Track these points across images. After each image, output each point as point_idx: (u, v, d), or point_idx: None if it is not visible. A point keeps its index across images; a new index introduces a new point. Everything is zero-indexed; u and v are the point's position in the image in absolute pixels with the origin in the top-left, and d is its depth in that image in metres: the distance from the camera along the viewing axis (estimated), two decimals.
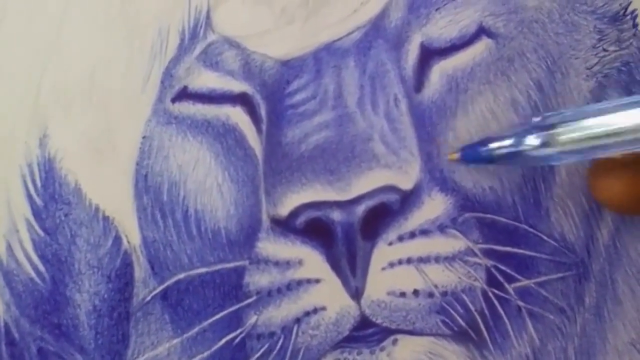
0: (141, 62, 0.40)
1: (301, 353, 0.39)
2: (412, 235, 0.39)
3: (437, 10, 0.40)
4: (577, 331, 0.40)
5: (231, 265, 0.39)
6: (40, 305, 0.39)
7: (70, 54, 0.40)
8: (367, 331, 0.39)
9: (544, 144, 0.35)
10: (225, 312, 0.39)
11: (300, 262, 0.39)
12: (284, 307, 0.39)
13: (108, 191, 0.40)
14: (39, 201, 0.40)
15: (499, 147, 0.36)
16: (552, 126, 0.35)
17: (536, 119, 0.36)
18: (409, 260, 0.39)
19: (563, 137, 0.35)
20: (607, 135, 0.34)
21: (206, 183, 0.40)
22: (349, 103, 0.39)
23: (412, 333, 0.39)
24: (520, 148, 0.35)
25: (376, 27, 0.40)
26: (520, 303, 0.39)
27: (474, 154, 0.37)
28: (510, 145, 0.36)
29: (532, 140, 0.35)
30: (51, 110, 0.40)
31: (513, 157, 0.36)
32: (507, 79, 0.40)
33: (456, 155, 0.37)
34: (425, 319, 0.39)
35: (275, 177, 0.39)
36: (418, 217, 0.39)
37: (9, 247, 0.40)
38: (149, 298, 0.39)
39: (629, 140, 0.34)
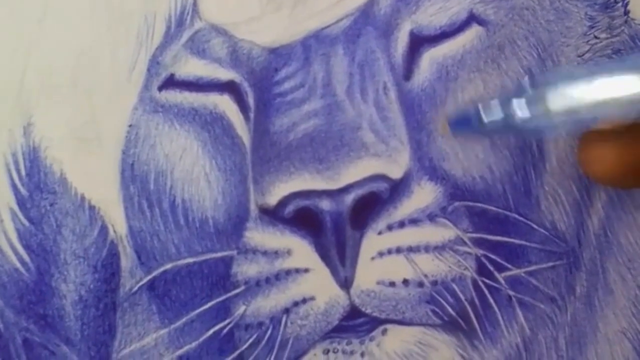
0: (127, 50, 0.39)
1: (290, 343, 0.39)
2: (402, 224, 0.39)
3: None
4: (568, 320, 0.40)
5: (219, 255, 0.39)
6: (25, 296, 0.39)
7: (54, 41, 0.39)
8: (356, 321, 0.39)
9: (533, 115, 0.33)
10: (213, 302, 0.39)
11: (288, 252, 0.38)
12: (272, 297, 0.39)
13: (94, 180, 0.39)
14: (23, 190, 0.39)
15: (486, 111, 0.34)
16: (541, 96, 0.33)
17: (525, 84, 0.34)
18: (398, 250, 0.39)
19: (553, 106, 0.33)
20: (602, 102, 0.32)
21: (193, 172, 0.39)
22: (337, 91, 0.39)
23: (401, 323, 0.39)
24: (510, 121, 0.34)
25: (365, 15, 0.40)
26: (511, 292, 0.39)
27: (464, 125, 0.35)
28: (500, 120, 0.34)
29: (521, 113, 0.33)
30: (35, 99, 0.39)
31: (503, 127, 0.34)
32: (497, 66, 0.40)
33: (446, 128, 0.36)
34: (415, 308, 0.39)
35: (263, 166, 0.39)
36: (408, 206, 0.39)
37: None
38: (135, 288, 0.39)
39: (624, 106, 0.32)
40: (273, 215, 0.38)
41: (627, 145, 0.35)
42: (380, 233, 0.38)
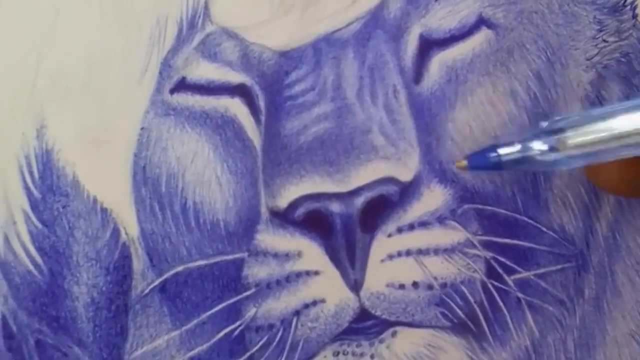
0: (139, 53, 0.40)
1: (300, 345, 0.39)
2: (411, 227, 0.39)
3: (436, 0, 0.40)
4: (577, 323, 0.40)
5: (230, 257, 0.39)
6: (38, 298, 0.39)
7: (67, 44, 0.40)
8: (366, 323, 0.39)
9: (552, 149, 0.35)
10: (224, 304, 0.39)
11: (299, 254, 0.39)
12: (283, 299, 0.39)
13: (106, 183, 0.39)
14: (36, 193, 0.39)
15: (507, 154, 0.35)
16: (560, 130, 0.35)
17: (545, 124, 0.36)
18: (408, 252, 0.39)
19: (571, 141, 0.34)
20: (616, 138, 0.34)
21: (205, 175, 0.39)
22: (348, 94, 0.39)
23: (411, 325, 0.39)
24: (528, 153, 0.35)
25: (375, 18, 0.40)
26: (520, 295, 0.39)
27: (481, 161, 0.36)
28: (518, 151, 0.35)
29: (540, 145, 0.35)
30: (48, 102, 0.40)
31: (521, 163, 0.35)
32: (506, 69, 0.40)
33: (464, 163, 0.37)
34: (424, 310, 0.39)
35: (274, 168, 0.39)
36: (417, 209, 0.39)
37: (6, 239, 0.39)
38: (147, 290, 0.39)
39: (638, 143, 0.34)
40: (284, 217, 0.39)
41: (632, 158, 0.36)
42: (390, 236, 0.39)
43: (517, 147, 0.35)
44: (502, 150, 0.36)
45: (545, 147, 0.35)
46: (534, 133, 0.35)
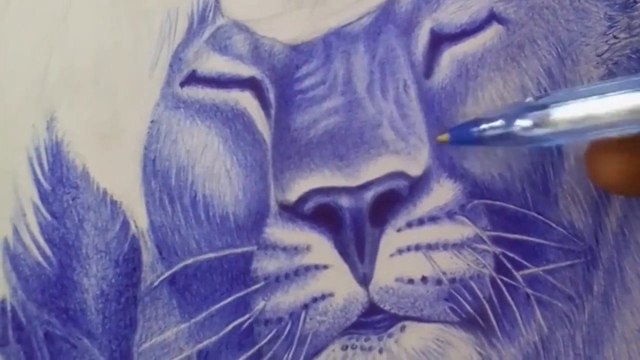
0: (149, 46, 0.40)
1: (309, 339, 0.39)
2: (421, 221, 0.39)
3: None
4: (585, 319, 0.40)
5: (239, 250, 0.39)
6: (48, 290, 0.39)
7: (77, 37, 0.40)
8: (375, 317, 0.39)
9: (535, 125, 0.34)
10: (233, 297, 0.39)
11: (308, 248, 0.39)
12: (291, 292, 0.39)
13: (116, 175, 0.39)
14: (46, 185, 0.40)
15: (489, 128, 0.35)
16: (544, 106, 0.34)
17: (528, 100, 0.35)
18: (417, 247, 0.39)
19: (554, 117, 0.34)
20: (599, 116, 0.33)
21: (214, 168, 0.39)
22: (358, 88, 0.39)
23: (420, 320, 0.39)
24: (511, 129, 0.35)
25: (386, 12, 0.40)
26: (529, 291, 0.39)
27: (463, 135, 0.36)
28: (501, 126, 0.35)
29: (523, 121, 0.34)
30: (59, 94, 0.40)
31: (503, 138, 0.35)
32: (517, 65, 0.40)
33: (445, 137, 0.37)
34: (433, 305, 0.39)
35: (283, 162, 0.39)
36: (427, 204, 0.39)
37: (16, 231, 0.40)
38: (156, 283, 0.39)
39: (621, 121, 0.33)
40: (293, 211, 0.39)
41: (632, 155, 0.36)
42: (399, 230, 0.39)
43: (500, 122, 0.35)
44: (484, 125, 0.35)
45: (528, 122, 0.34)
46: (517, 109, 0.35)
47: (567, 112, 0.34)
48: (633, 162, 0.36)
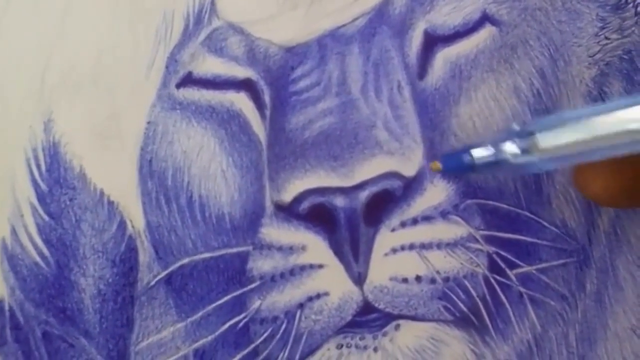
0: (146, 47, 0.40)
1: (304, 338, 0.39)
2: (415, 221, 0.39)
3: None
4: (578, 317, 0.40)
5: (235, 250, 0.39)
6: (45, 290, 0.39)
7: (75, 39, 0.40)
8: (369, 316, 0.39)
9: (524, 151, 0.34)
10: (229, 296, 0.39)
11: (303, 248, 0.39)
12: (287, 292, 0.39)
13: (113, 176, 0.40)
14: (43, 185, 0.40)
15: (480, 157, 0.35)
16: (532, 133, 0.34)
17: (515, 127, 0.35)
18: (411, 246, 0.39)
19: (543, 144, 0.34)
20: (588, 141, 0.34)
21: (210, 169, 0.40)
22: (352, 90, 0.40)
23: (414, 318, 0.39)
24: (501, 156, 0.35)
25: (380, 14, 0.40)
26: (522, 289, 0.40)
27: (456, 164, 0.36)
28: (491, 155, 0.35)
29: (511, 148, 0.34)
30: (56, 95, 0.40)
31: (495, 166, 0.35)
32: (510, 66, 0.40)
33: (438, 165, 0.37)
34: (427, 304, 0.39)
35: (279, 163, 0.39)
36: (420, 204, 0.39)
37: (14, 231, 0.40)
38: (153, 282, 0.39)
39: (610, 145, 0.34)
40: (288, 211, 0.39)
41: (617, 169, 0.36)
42: (393, 230, 0.39)
43: (490, 150, 0.35)
44: (475, 153, 0.35)
45: (517, 150, 0.34)
46: (506, 136, 0.35)
47: (554, 138, 0.34)
48: (618, 177, 0.36)
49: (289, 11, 0.40)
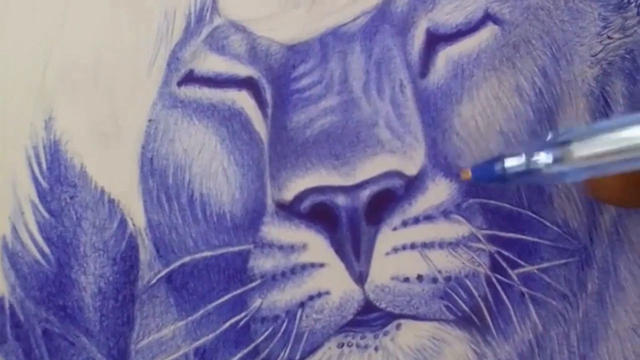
0: (147, 45, 0.40)
1: (305, 336, 0.39)
2: (416, 220, 0.39)
3: None
4: (580, 317, 0.40)
5: (236, 249, 0.39)
6: (46, 287, 0.39)
7: (76, 36, 0.40)
8: (370, 316, 0.39)
9: (556, 161, 0.34)
10: (229, 295, 0.39)
11: (304, 247, 0.39)
12: (288, 291, 0.39)
13: (114, 174, 0.40)
14: (44, 183, 0.40)
15: (511, 166, 0.36)
16: (566, 142, 0.34)
17: (549, 137, 0.35)
18: (412, 246, 0.39)
19: (577, 154, 0.34)
20: (622, 151, 0.34)
21: (211, 167, 0.40)
22: (354, 88, 0.40)
23: (415, 318, 0.39)
24: (533, 166, 0.35)
25: (382, 12, 0.40)
26: (523, 289, 0.40)
27: (486, 173, 0.36)
28: (523, 164, 0.35)
29: (545, 158, 0.35)
30: (57, 93, 0.40)
31: (526, 176, 0.35)
32: (512, 65, 0.40)
33: (468, 174, 0.37)
34: (428, 304, 0.39)
35: (280, 161, 0.39)
36: (422, 203, 0.39)
37: (14, 229, 0.40)
38: (154, 281, 0.39)
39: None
40: (289, 210, 0.39)
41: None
42: (395, 229, 0.39)
43: (522, 159, 0.35)
44: (507, 163, 0.35)
45: (550, 159, 0.34)
46: (539, 145, 0.35)
47: (588, 147, 0.34)
48: (626, 177, 0.36)
49: (291, 9, 0.40)
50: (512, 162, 0.35)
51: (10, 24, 0.40)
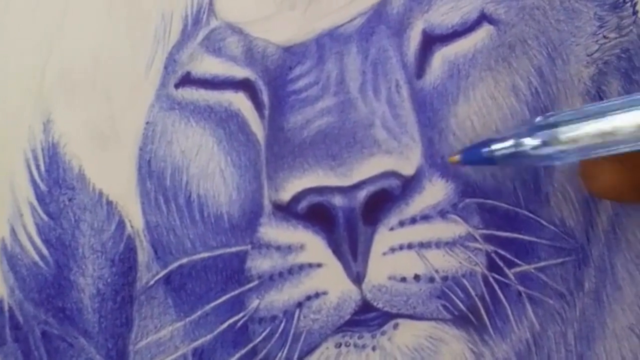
0: (144, 48, 0.40)
1: (303, 337, 0.39)
2: (413, 220, 0.39)
3: None
4: (577, 316, 0.40)
5: (233, 249, 0.39)
6: (44, 289, 0.40)
7: (74, 39, 0.40)
8: (368, 315, 0.39)
9: (544, 143, 0.35)
10: (227, 296, 0.39)
11: (302, 247, 0.39)
12: (285, 291, 0.39)
13: (112, 176, 0.40)
14: (42, 186, 0.40)
15: (500, 148, 0.36)
16: (553, 125, 0.35)
17: (538, 119, 0.36)
18: (409, 245, 0.39)
19: (564, 136, 0.34)
20: (608, 133, 0.34)
21: (209, 168, 0.40)
22: (351, 89, 0.40)
23: (412, 317, 0.39)
24: (521, 148, 0.35)
25: (378, 13, 0.40)
26: (521, 288, 0.40)
27: (475, 156, 0.37)
28: (511, 146, 0.35)
29: (532, 140, 0.35)
30: (55, 96, 0.40)
31: (514, 158, 0.35)
32: (508, 65, 0.40)
33: (456, 158, 0.37)
34: (426, 303, 0.39)
35: (277, 162, 0.39)
36: (419, 203, 0.39)
37: (13, 231, 0.40)
38: (152, 282, 0.40)
39: (630, 139, 0.34)
40: (286, 210, 0.39)
41: (622, 165, 0.36)
42: (391, 229, 0.39)
43: (510, 141, 0.35)
44: (495, 146, 0.36)
45: (537, 141, 0.35)
46: (527, 128, 0.35)
47: (576, 130, 0.34)
48: (623, 171, 0.36)
49: (287, 11, 0.40)
50: (500, 145, 0.35)
51: (8, 28, 0.40)
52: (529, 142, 0.35)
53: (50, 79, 0.40)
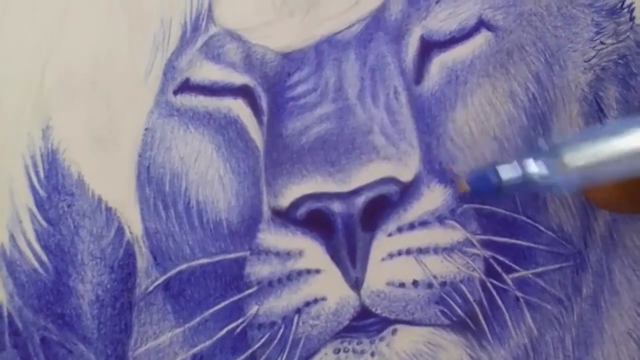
0: (143, 54, 0.40)
1: (302, 343, 0.39)
2: (412, 226, 0.39)
3: (437, 3, 0.40)
4: (575, 321, 0.40)
5: (232, 255, 0.39)
6: (44, 296, 0.40)
7: (73, 45, 0.40)
8: (366, 321, 0.39)
9: (551, 172, 0.34)
10: (226, 302, 0.39)
11: (300, 253, 0.39)
12: (284, 297, 0.39)
13: (111, 182, 0.40)
14: (42, 192, 0.40)
15: (508, 179, 0.35)
16: (558, 152, 0.34)
17: (542, 145, 0.35)
18: (408, 251, 0.39)
19: (571, 164, 0.34)
20: (615, 159, 0.34)
21: (208, 175, 0.40)
22: (349, 95, 0.40)
23: (411, 323, 0.39)
24: (529, 178, 0.35)
25: (377, 20, 0.40)
26: (518, 293, 0.40)
27: (483, 186, 0.36)
28: (519, 177, 0.35)
29: (538, 168, 0.34)
30: (54, 102, 0.40)
31: (522, 187, 0.35)
32: (506, 71, 0.40)
33: (466, 187, 0.37)
34: (424, 309, 0.39)
35: (276, 168, 0.39)
36: (417, 209, 0.39)
37: (12, 238, 0.40)
38: (151, 288, 0.40)
39: (634, 162, 0.34)
40: (285, 217, 0.39)
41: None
42: (390, 235, 0.39)
43: (517, 170, 0.35)
44: (502, 173, 0.35)
45: (545, 171, 0.34)
46: (532, 153, 0.35)
47: (582, 157, 0.34)
48: (621, 183, 0.36)
49: (286, 18, 0.40)
50: (507, 174, 0.35)
51: (7, 33, 0.40)
52: (536, 170, 0.35)
53: (49, 85, 0.40)
